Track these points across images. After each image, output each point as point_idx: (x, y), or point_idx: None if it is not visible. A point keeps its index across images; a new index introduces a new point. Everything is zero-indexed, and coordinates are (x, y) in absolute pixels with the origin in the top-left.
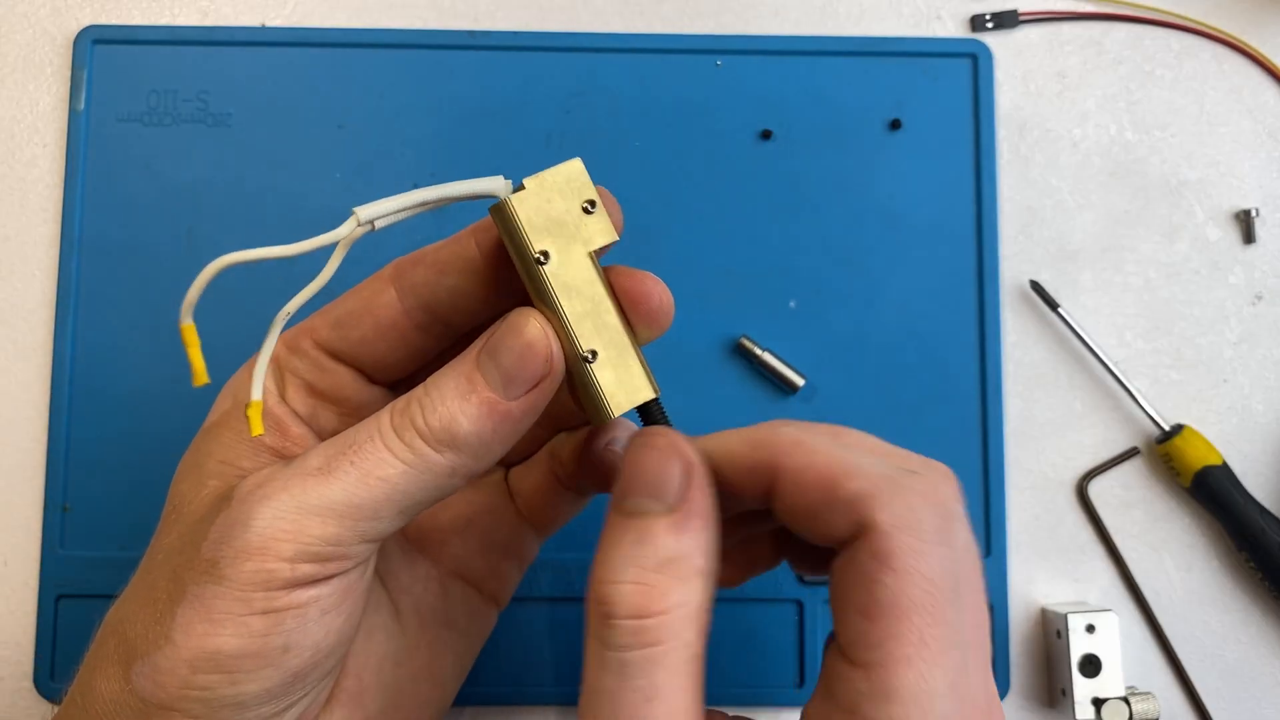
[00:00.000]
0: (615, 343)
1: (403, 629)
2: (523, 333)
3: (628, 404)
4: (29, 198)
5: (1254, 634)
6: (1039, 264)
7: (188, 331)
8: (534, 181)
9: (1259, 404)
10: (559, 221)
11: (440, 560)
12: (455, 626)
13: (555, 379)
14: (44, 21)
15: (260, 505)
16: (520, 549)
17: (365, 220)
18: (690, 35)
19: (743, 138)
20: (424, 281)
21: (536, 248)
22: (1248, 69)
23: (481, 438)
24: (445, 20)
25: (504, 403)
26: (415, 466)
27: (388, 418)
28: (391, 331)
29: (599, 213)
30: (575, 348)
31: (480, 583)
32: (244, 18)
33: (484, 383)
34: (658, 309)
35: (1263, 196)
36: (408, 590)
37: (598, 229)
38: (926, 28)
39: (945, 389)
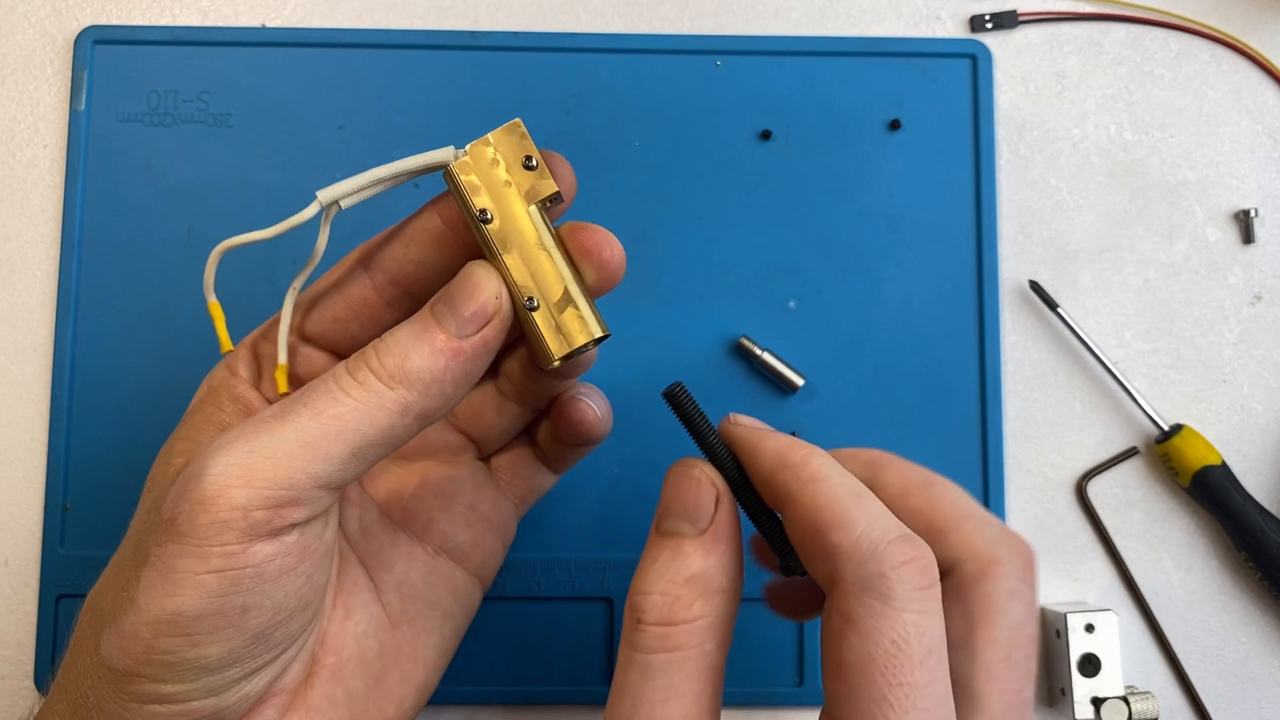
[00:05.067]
0: (560, 290)
1: (384, 607)
2: (470, 277)
3: (569, 347)
4: (30, 198)
5: (1253, 634)
6: (1038, 264)
7: (214, 308)
8: (476, 145)
9: (1258, 404)
10: (501, 180)
11: (425, 537)
12: (439, 605)
13: (504, 318)
14: (44, 22)
15: (214, 456)
16: (502, 523)
17: (327, 201)
18: (690, 36)
19: (743, 138)
20: (391, 256)
21: (479, 206)
22: (1247, 69)
23: (433, 373)
24: (445, 21)
25: (455, 340)
26: (366, 403)
27: (342, 364)
28: (363, 309)
29: (540, 169)
30: (519, 295)
31: (464, 558)
32: (244, 18)
33: (437, 324)
34: (607, 258)
35: (1262, 197)
36: (390, 569)
37: (539, 183)
38: (926, 28)
39: (945, 389)
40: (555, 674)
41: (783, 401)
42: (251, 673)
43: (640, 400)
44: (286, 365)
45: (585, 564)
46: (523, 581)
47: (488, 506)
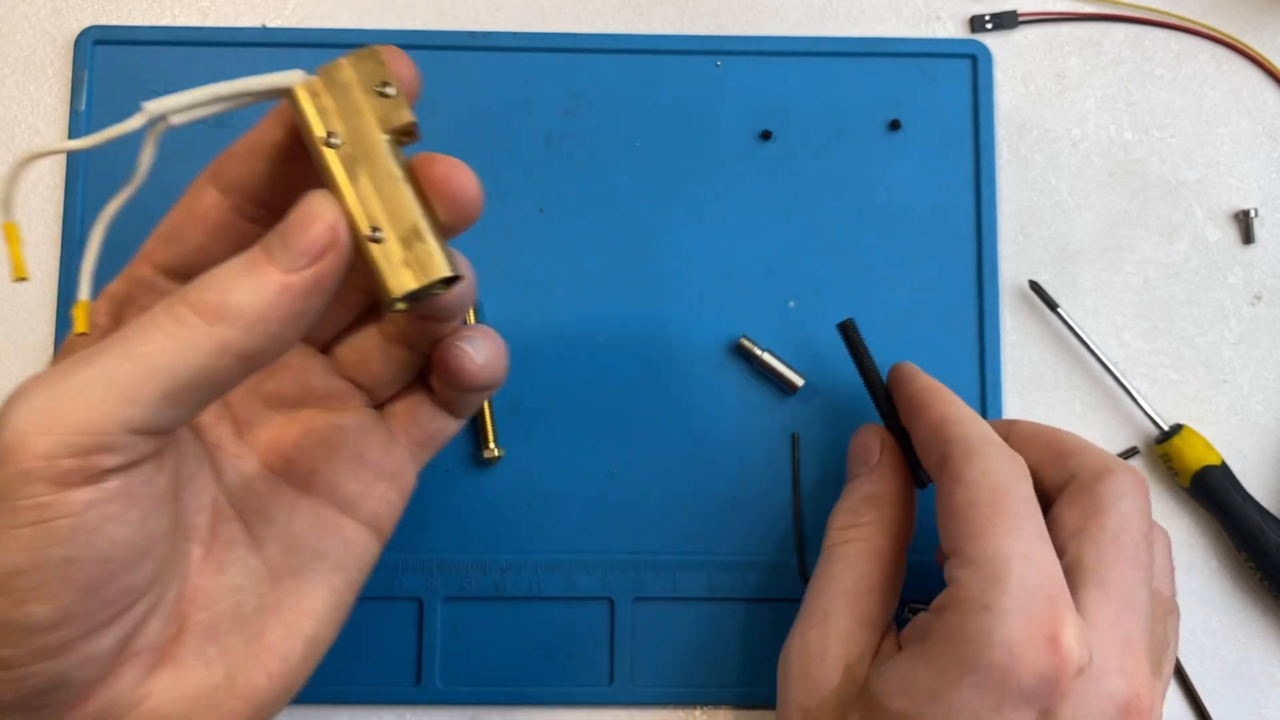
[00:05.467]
0: (407, 224)
1: (264, 560)
2: (304, 205)
3: (414, 284)
4: (30, 198)
5: (1253, 634)
6: (1038, 264)
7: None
8: (327, 68)
9: (1258, 404)
10: (353, 106)
11: (309, 488)
12: (327, 557)
13: (340, 251)
14: (44, 22)
15: (15, 404)
16: (396, 471)
17: (155, 114)
18: (690, 36)
19: (742, 138)
20: (240, 173)
21: (323, 130)
22: (1247, 69)
23: (257, 310)
24: (445, 21)
25: (283, 275)
26: (179, 339)
27: (163, 301)
28: (225, 231)
29: (396, 97)
30: (361, 226)
31: (353, 509)
32: (244, 19)
33: (266, 257)
34: (461, 193)
35: (1262, 197)
36: (271, 521)
37: (393, 111)
38: (926, 28)
39: None
40: (556, 674)
41: (783, 401)
42: (90, 632)
43: (640, 400)
44: (86, 303)
45: (585, 564)
46: (523, 581)
47: (377, 455)
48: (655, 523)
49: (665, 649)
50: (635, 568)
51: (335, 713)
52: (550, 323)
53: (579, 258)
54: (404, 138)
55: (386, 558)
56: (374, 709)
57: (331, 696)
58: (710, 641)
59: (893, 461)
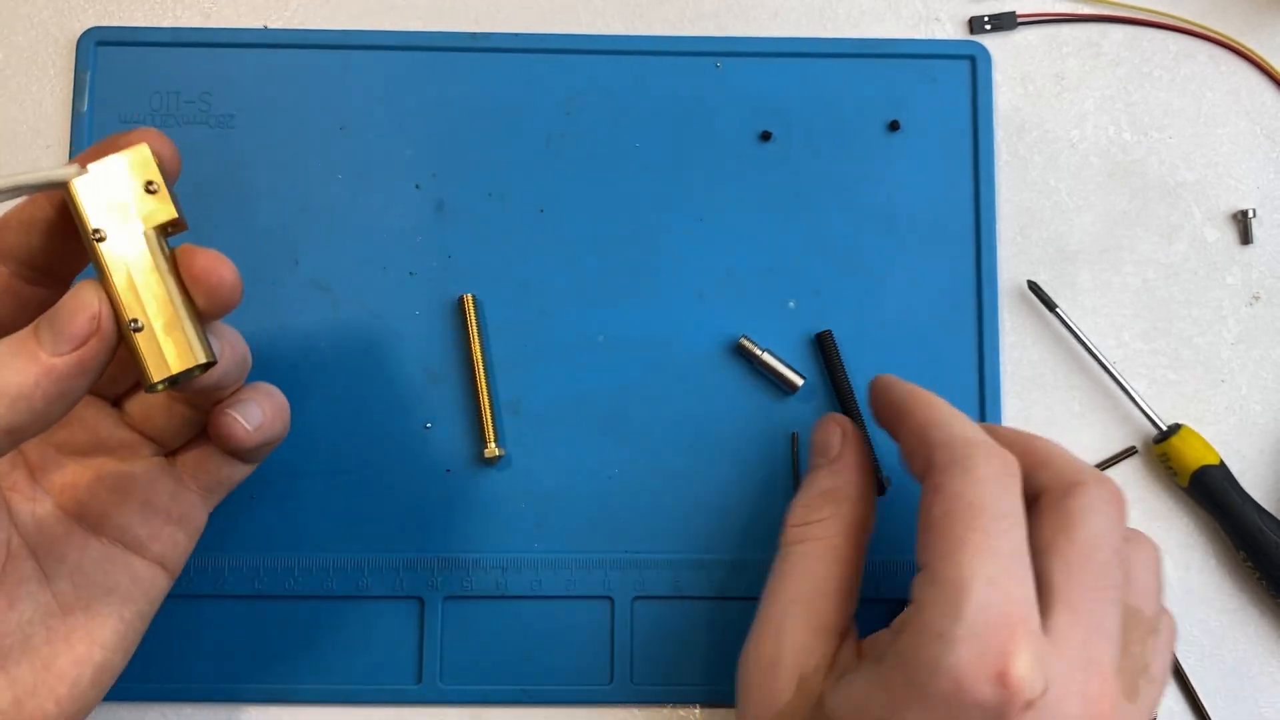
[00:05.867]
0: (167, 314)
1: (54, 594)
2: (73, 296)
3: (169, 371)
4: None
5: (1252, 634)
6: (1037, 264)
7: None
8: (99, 165)
9: (1257, 404)
10: (121, 203)
11: (100, 531)
12: (116, 591)
13: (103, 339)
14: (46, 23)
15: None
16: (184, 515)
17: None
18: (690, 37)
19: (742, 139)
20: (15, 243)
21: (93, 225)
22: (1245, 70)
23: (20, 389)
24: (446, 22)
25: (49, 358)
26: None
27: None
28: (6, 295)
29: (160, 194)
30: (124, 316)
31: (142, 549)
32: (246, 19)
33: (34, 341)
34: (217, 284)
35: (1260, 197)
36: (62, 559)
37: (158, 208)
38: (925, 29)
39: (944, 389)
40: (557, 673)
41: (783, 401)
42: None
43: (640, 400)
44: None
45: (585, 563)
46: (523, 581)
47: (165, 501)
48: (655, 522)
49: (665, 648)
50: (635, 567)
51: (336, 712)
52: (550, 323)
53: (579, 258)
54: (170, 229)
55: (387, 557)
56: (375, 708)
57: (332, 696)
58: (710, 641)
59: (854, 453)
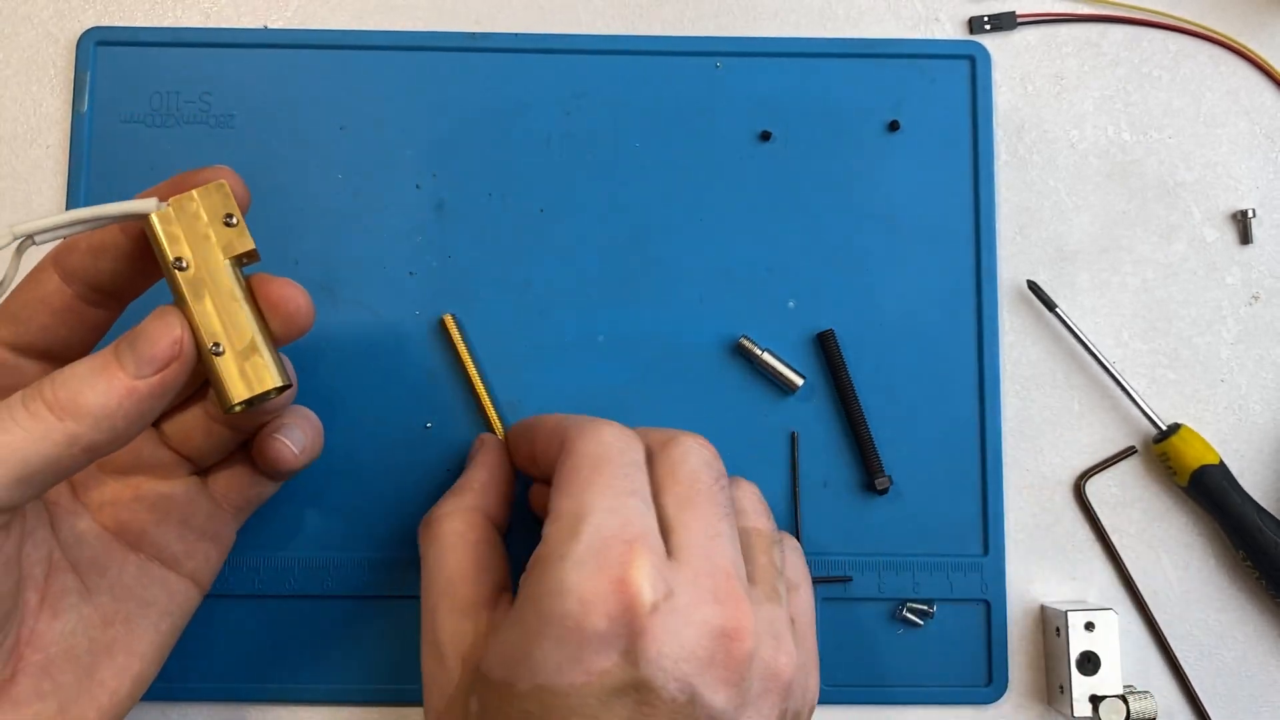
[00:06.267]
0: (245, 339)
1: (95, 606)
2: (156, 321)
3: (249, 393)
4: (32, 200)
5: (1251, 633)
6: (1037, 264)
7: None
8: (178, 200)
9: (1256, 403)
10: (200, 234)
11: (138, 547)
12: (155, 604)
13: (184, 363)
14: (47, 23)
15: None
16: (217, 533)
17: (20, 234)
18: (690, 37)
19: (742, 139)
20: (82, 266)
21: (173, 256)
22: (1245, 70)
23: (105, 409)
24: (446, 22)
25: (131, 380)
26: (33, 432)
27: (19, 394)
28: (68, 314)
29: (239, 227)
30: (204, 341)
31: (178, 565)
32: (246, 19)
33: (117, 363)
34: (292, 310)
35: (1259, 197)
36: (103, 573)
37: (236, 240)
38: (925, 29)
39: (943, 389)
40: None
41: (783, 401)
42: None
43: (640, 400)
44: None
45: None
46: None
47: (201, 520)
48: None
49: None
50: None
51: (337, 712)
52: (550, 323)
53: (579, 258)
54: (245, 259)
55: (388, 556)
56: (375, 708)
57: (333, 696)
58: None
59: (490, 452)
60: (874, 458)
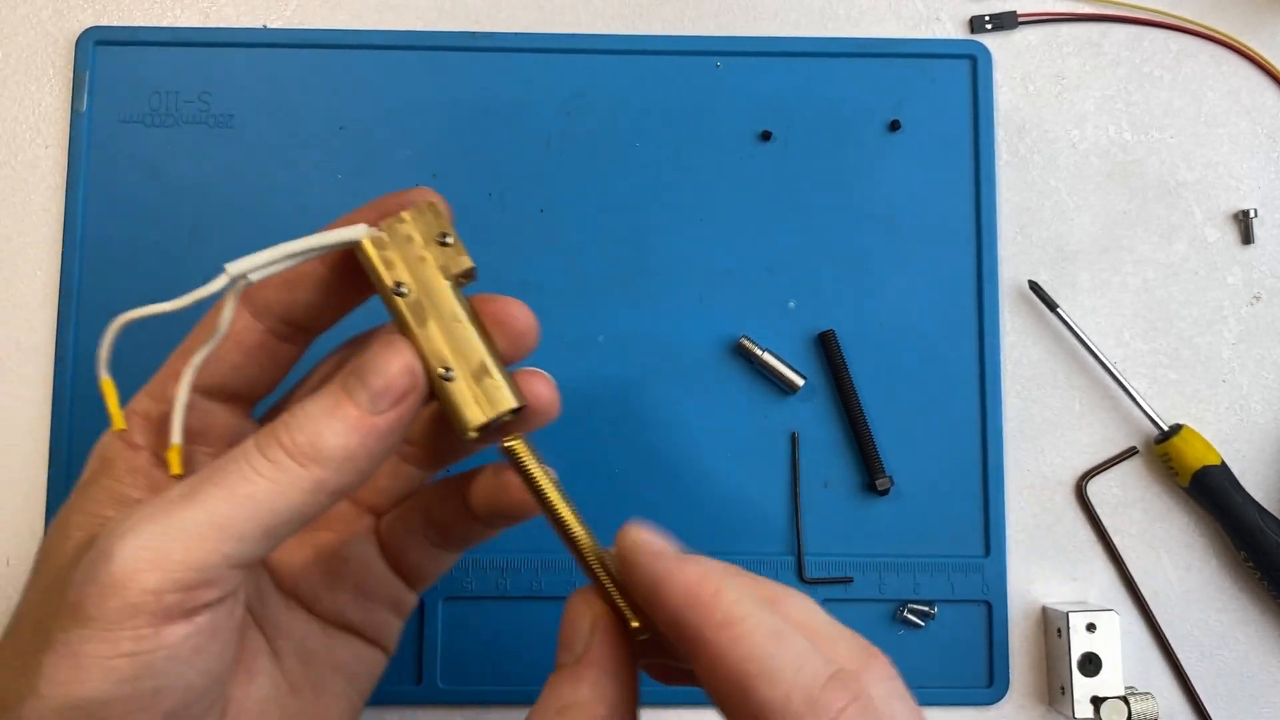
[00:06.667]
0: (474, 361)
1: (285, 672)
2: (386, 352)
3: (486, 416)
4: (31, 199)
5: (1252, 633)
6: (1038, 264)
7: (105, 385)
8: (391, 223)
9: (1257, 404)
10: (416, 256)
11: (315, 610)
12: (342, 671)
13: (419, 394)
14: (46, 23)
15: (122, 539)
16: (394, 600)
17: (235, 274)
18: (690, 37)
19: (743, 139)
20: (277, 300)
21: (392, 281)
22: (1246, 70)
23: (347, 451)
24: (446, 22)
25: (369, 417)
26: (279, 482)
27: (252, 441)
28: (259, 352)
29: (454, 245)
30: (434, 367)
31: (359, 630)
32: (245, 19)
33: (350, 400)
34: (522, 330)
35: (1261, 197)
36: (287, 635)
37: (454, 259)
38: (926, 29)
39: (944, 389)
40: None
41: (783, 401)
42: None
43: (640, 401)
44: (180, 446)
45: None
46: (523, 581)
47: (376, 588)
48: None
49: None
50: None
51: None
52: (550, 323)
53: (579, 258)
54: (464, 279)
55: None
56: (375, 709)
57: None
58: None
59: (604, 653)
60: (875, 458)
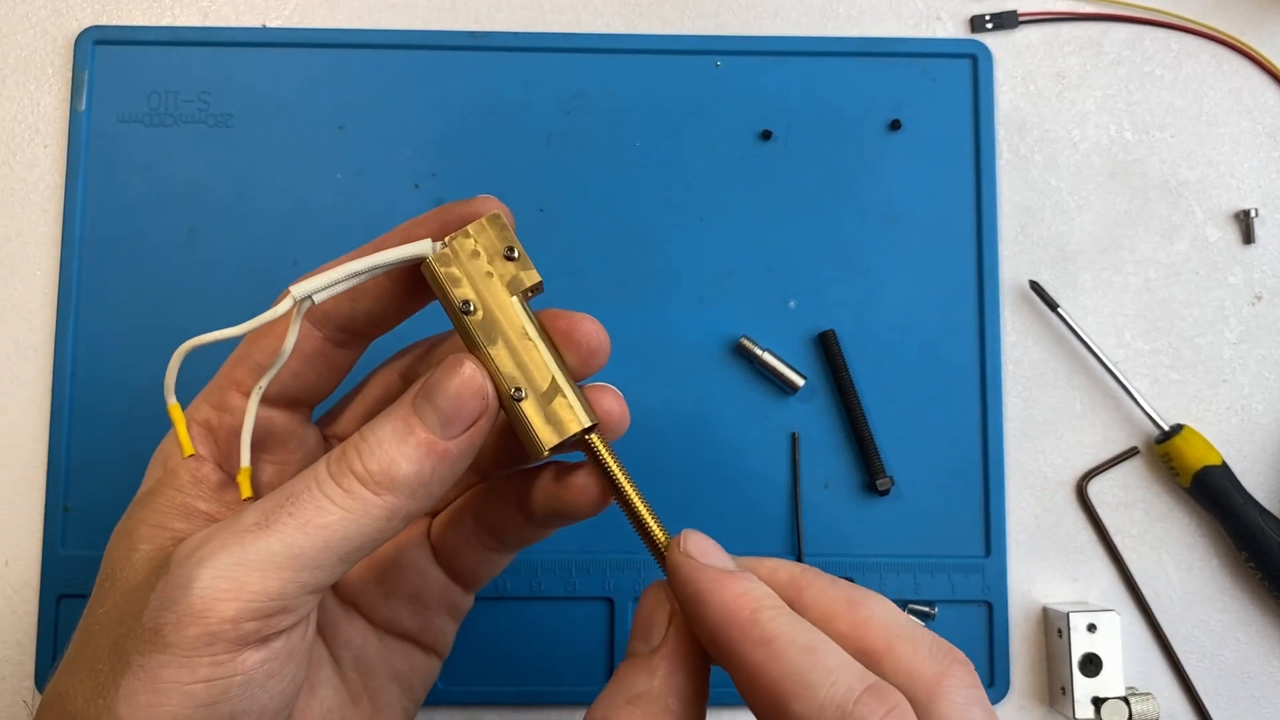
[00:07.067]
0: (545, 380)
1: (345, 682)
2: (458, 374)
3: (557, 438)
4: (30, 198)
5: (1253, 634)
6: (1038, 264)
7: (174, 411)
8: (456, 238)
9: (1258, 404)
10: (483, 271)
11: (372, 618)
12: (400, 678)
13: (491, 417)
14: (45, 22)
15: (199, 567)
16: (449, 603)
17: (300, 296)
18: (690, 36)
19: (743, 138)
20: (336, 309)
21: (460, 299)
22: (1247, 69)
23: (421, 478)
24: (446, 21)
25: (442, 443)
26: (354, 511)
27: (324, 467)
28: (318, 359)
29: (521, 259)
30: (505, 387)
31: (414, 636)
32: (245, 18)
33: (421, 424)
34: (595, 347)
35: (1262, 197)
36: (347, 645)
37: (521, 274)
38: (926, 28)
39: (945, 389)
40: (556, 674)
41: (783, 401)
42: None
43: (640, 401)
44: (250, 469)
45: (585, 564)
46: (523, 581)
47: (431, 592)
48: None
49: None
50: (635, 568)
51: None
52: None
53: (579, 258)
54: (531, 293)
55: None
56: None
57: None
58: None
59: (679, 645)
60: (875, 458)
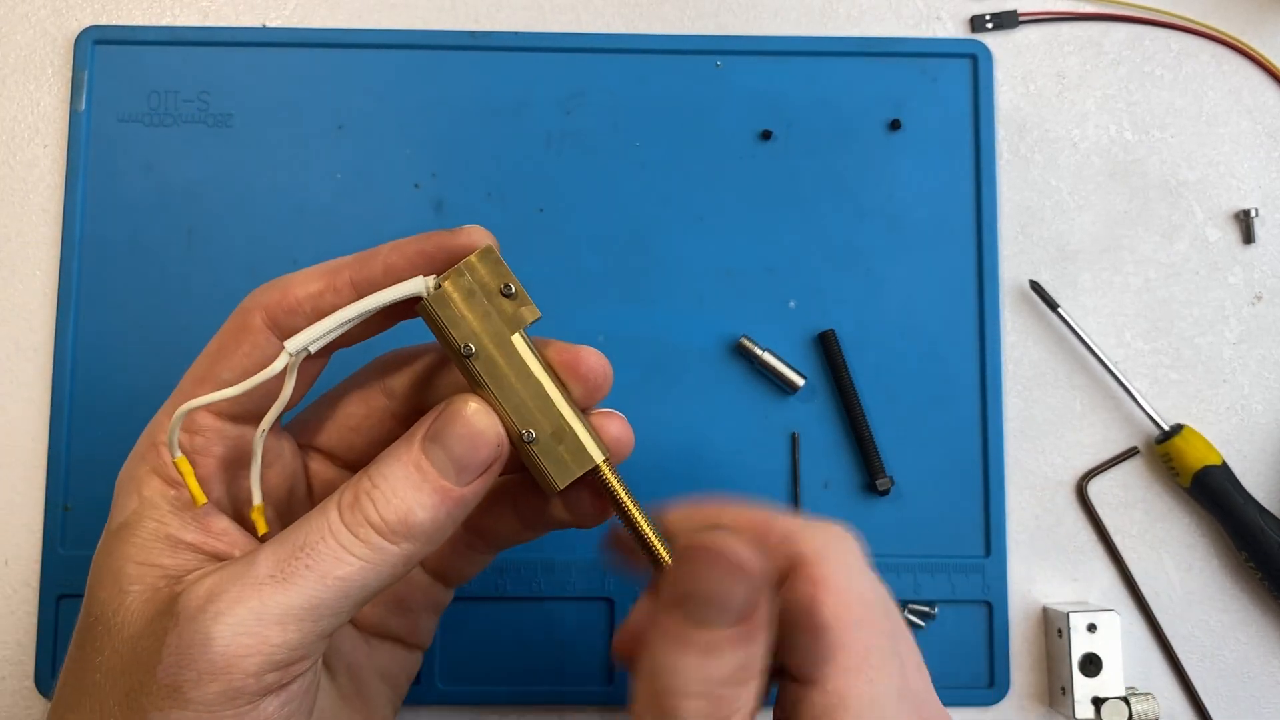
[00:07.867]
0: (554, 418)
1: (337, 687)
2: (469, 421)
3: (570, 476)
4: (30, 198)
5: (1253, 634)
6: (1038, 264)
7: (182, 463)
8: (450, 276)
9: (1258, 404)
10: (482, 311)
11: (360, 625)
12: (386, 676)
13: (503, 460)
14: (45, 22)
15: (217, 623)
16: (432, 602)
17: (295, 350)
18: (690, 36)
19: (743, 138)
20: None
21: (461, 343)
22: (1247, 69)
23: (436, 524)
24: (446, 21)
25: (456, 489)
26: (373, 561)
27: (336, 514)
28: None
29: (518, 295)
30: (515, 429)
31: (400, 637)
32: (245, 18)
33: (435, 471)
34: (599, 381)
35: (1262, 197)
36: (338, 653)
37: (521, 310)
38: (926, 28)
39: (945, 389)
40: (555, 674)
41: (783, 401)
42: None
43: (640, 402)
44: (262, 506)
45: (585, 564)
46: (523, 581)
47: (414, 595)
48: None
49: None
50: None
51: None
52: (550, 323)
53: (579, 258)
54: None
55: None
56: None
57: None
58: None
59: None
60: (875, 458)
